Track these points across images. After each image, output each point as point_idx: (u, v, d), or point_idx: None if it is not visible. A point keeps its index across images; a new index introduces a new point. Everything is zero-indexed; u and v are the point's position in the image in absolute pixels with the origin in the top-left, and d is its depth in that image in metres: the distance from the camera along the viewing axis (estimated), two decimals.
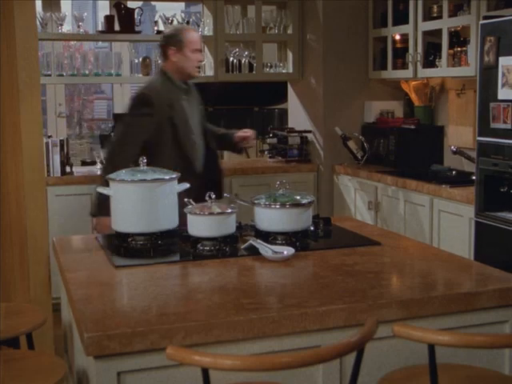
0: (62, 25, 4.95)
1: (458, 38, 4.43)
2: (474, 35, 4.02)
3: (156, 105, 3.41)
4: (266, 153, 5.65)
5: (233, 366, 1.51)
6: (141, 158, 2.72)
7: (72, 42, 5.71)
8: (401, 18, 4.84)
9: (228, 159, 5.88)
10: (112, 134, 5.13)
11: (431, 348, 1.71)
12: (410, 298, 2.01)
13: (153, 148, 3.37)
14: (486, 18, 3.69)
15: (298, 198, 2.65)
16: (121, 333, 1.75)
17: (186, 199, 2.64)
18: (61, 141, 4.77)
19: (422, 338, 1.69)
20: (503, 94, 3.36)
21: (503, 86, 3.36)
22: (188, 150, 3.48)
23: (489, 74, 3.46)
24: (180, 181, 2.75)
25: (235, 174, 5.11)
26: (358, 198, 4.92)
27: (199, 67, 3.71)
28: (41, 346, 2.81)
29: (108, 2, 5.30)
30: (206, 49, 5.37)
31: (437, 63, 4.56)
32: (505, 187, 3.47)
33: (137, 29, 5.20)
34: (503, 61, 3.35)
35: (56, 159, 4.69)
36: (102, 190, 2.70)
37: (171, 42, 3.54)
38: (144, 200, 2.61)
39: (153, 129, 3.41)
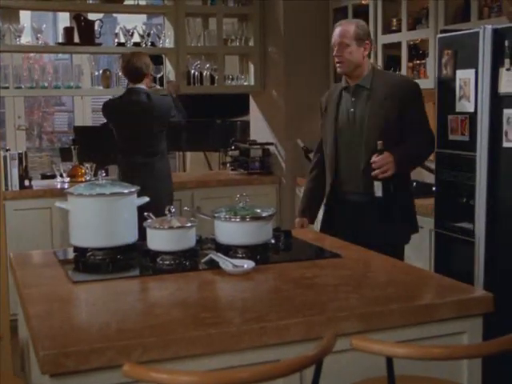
0: (20, 36, 4.89)
1: (417, 51, 4.49)
2: (433, 48, 4.07)
3: (322, 104, 3.51)
4: (228, 165, 5.64)
5: (190, 383, 1.49)
6: (99, 172, 2.69)
7: (31, 54, 5.64)
8: None
9: (190, 172, 5.85)
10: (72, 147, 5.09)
11: (389, 361, 1.71)
12: (370, 310, 2.01)
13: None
14: (443, 31, 3.75)
15: (259, 211, 2.65)
16: (77, 350, 1.72)
17: (145, 213, 2.61)
18: (19, 154, 4.69)
19: (380, 351, 1.69)
20: (461, 106, 3.41)
21: (460, 98, 3.40)
22: (329, 153, 3.43)
23: (447, 87, 3.50)
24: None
25: (197, 186, 5.10)
26: (320, 210, 4.91)
27: (338, 63, 3.33)
28: None
29: (68, 13, 5.26)
30: (167, 61, 5.36)
31: None
32: (463, 198, 3.51)
33: (97, 41, 5.17)
34: (460, 74, 3.40)
35: (14, 173, 4.62)
36: (60, 204, 2.66)
37: None
38: (103, 214, 2.58)
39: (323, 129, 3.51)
